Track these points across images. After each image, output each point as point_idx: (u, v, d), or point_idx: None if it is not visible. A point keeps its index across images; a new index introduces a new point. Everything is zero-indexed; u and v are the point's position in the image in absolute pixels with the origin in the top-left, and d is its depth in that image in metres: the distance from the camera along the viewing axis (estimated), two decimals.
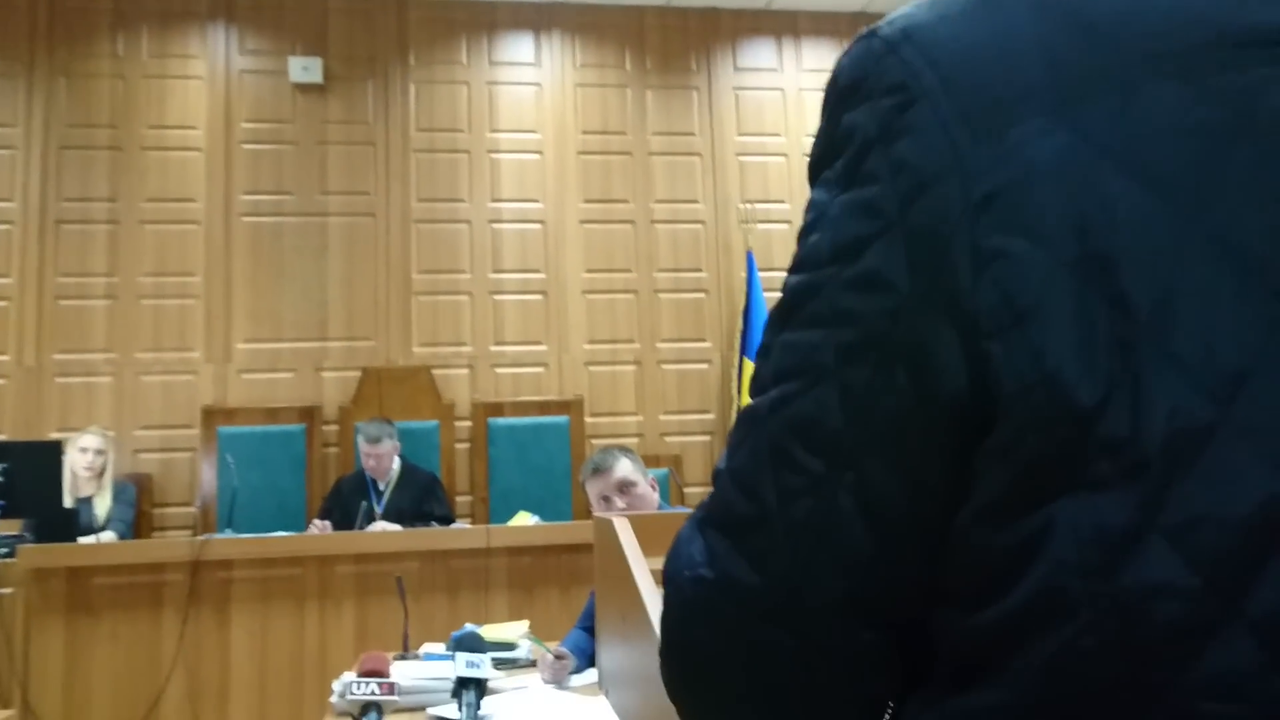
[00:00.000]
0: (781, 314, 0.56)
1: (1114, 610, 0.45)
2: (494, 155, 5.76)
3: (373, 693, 1.92)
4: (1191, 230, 0.47)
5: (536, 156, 5.80)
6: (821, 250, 0.54)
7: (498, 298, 5.67)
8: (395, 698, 1.96)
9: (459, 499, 5.37)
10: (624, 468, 2.81)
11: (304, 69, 5.58)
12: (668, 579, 0.61)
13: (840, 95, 0.57)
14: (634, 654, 1.00)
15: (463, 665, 1.95)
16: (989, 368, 0.48)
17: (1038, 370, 0.47)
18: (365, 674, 1.95)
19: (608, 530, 1.10)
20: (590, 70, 5.92)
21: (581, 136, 5.86)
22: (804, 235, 0.57)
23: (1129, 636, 0.44)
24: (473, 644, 2.01)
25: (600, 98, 5.90)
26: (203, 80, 5.58)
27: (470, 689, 1.92)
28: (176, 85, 5.56)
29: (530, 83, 5.86)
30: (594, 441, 5.39)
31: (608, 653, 1.15)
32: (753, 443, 0.55)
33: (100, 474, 4.76)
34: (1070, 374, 0.46)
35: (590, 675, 2.65)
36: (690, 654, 0.59)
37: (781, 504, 0.53)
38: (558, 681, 2.53)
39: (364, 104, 5.69)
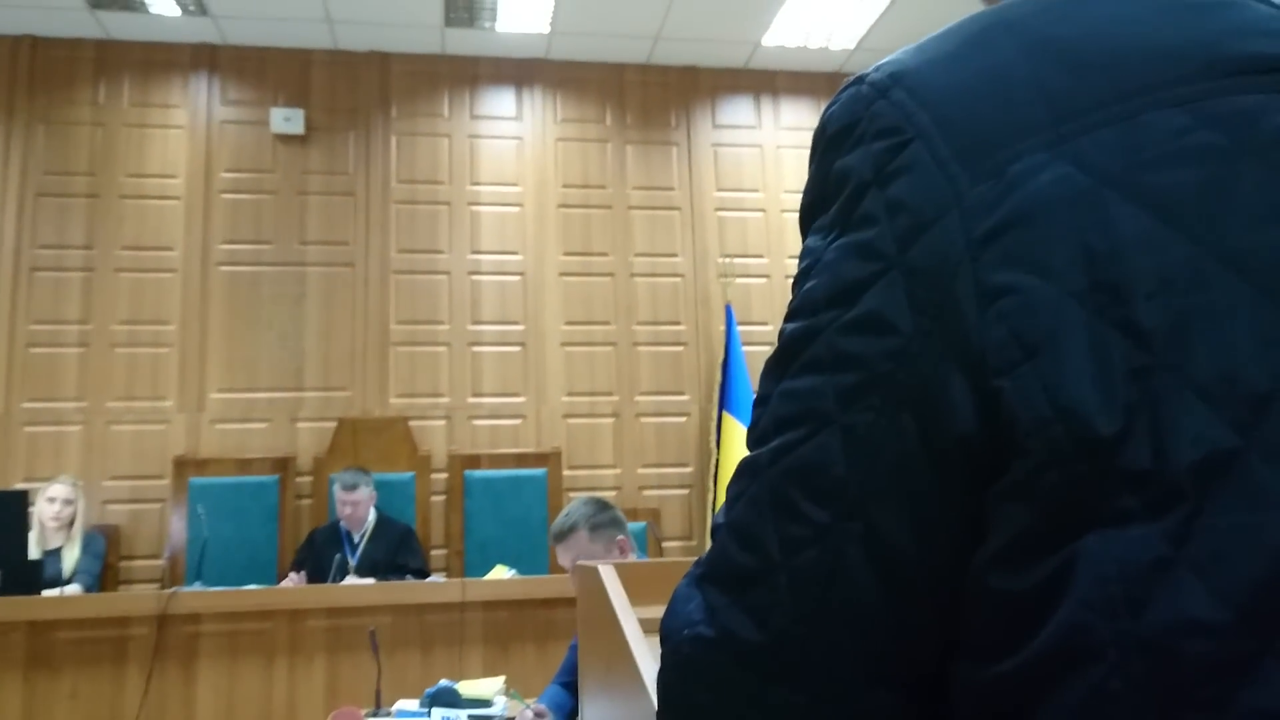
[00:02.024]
0: (779, 362, 0.55)
1: (1142, 650, 0.43)
2: (474, 207, 5.78)
3: None
4: (1202, 253, 0.46)
5: (517, 209, 5.83)
6: (818, 295, 0.53)
7: (476, 349, 5.65)
8: None
9: (434, 552, 5.29)
10: (579, 544, 2.56)
11: (285, 119, 5.60)
12: (664, 638, 0.58)
13: (830, 142, 0.56)
14: (620, 707, 0.97)
15: None
16: (1000, 405, 0.47)
17: (1053, 405, 0.45)
18: None
19: (592, 578, 1.07)
20: (571, 125, 5.98)
21: (562, 189, 5.89)
22: (799, 282, 0.56)
23: (1159, 678, 0.42)
24: (449, 700, 1.96)
25: (581, 152, 5.96)
26: (183, 129, 5.59)
27: None
28: (157, 134, 5.56)
29: (511, 136, 5.91)
30: (571, 494, 5.33)
31: (592, 707, 1.11)
32: (753, 493, 0.53)
33: (68, 525, 4.66)
34: (1088, 406, 0.45)
35: None
36: (689, 717, 0.56)
37: (785, 556, 0.51)
38: None
39: (345, 155, 5.70)
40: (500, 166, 5.86)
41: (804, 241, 0.58)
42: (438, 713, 1.90)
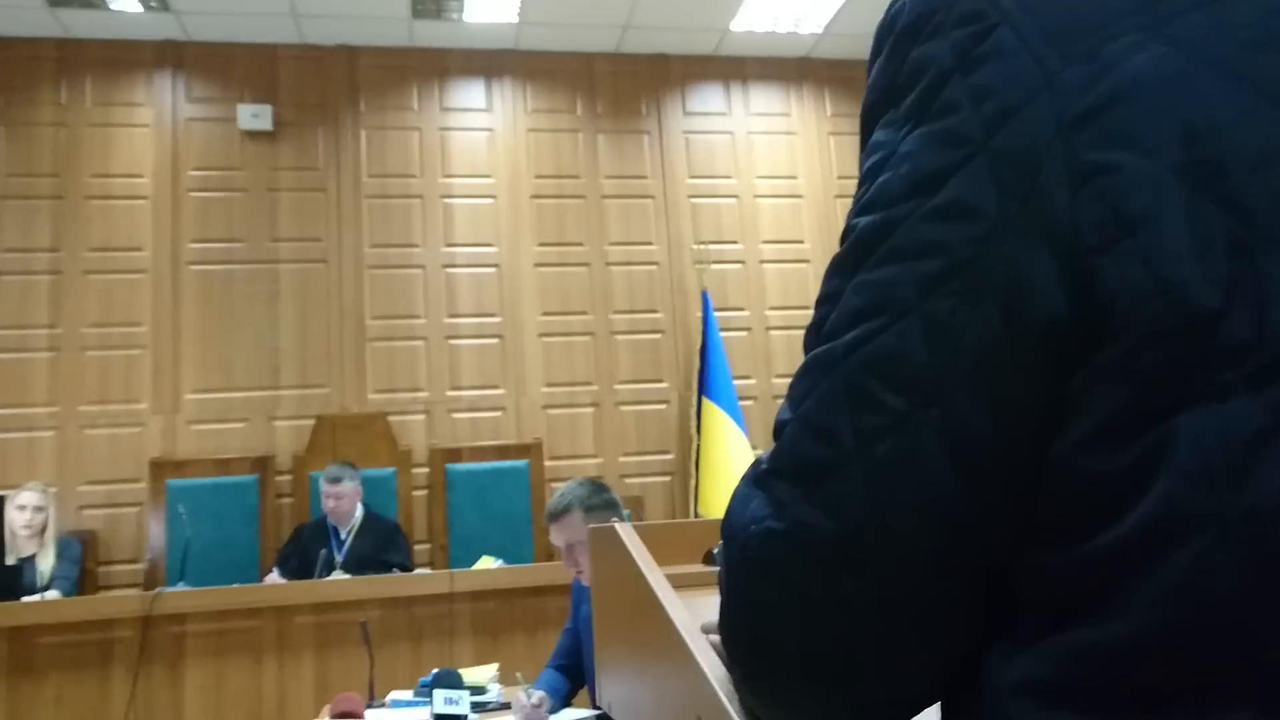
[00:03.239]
0: (851, 257, 0.55)
1: (1242, 521, 0.43)
2: (447, 200, 5.75)
3: None
4: None
5: (490, 201, 5.81)
6: (895, 187, 0.53)
7: (453, 342, 5.62)
8: None
9: (418, 547, 5.26)
10: (574, 524, 2.58)
11: (253, 116, 5.54)
12: (728, 538, 0.58)
13: (903, 33, 0.56)
14: (646, 665, 0.97)
15: (441, 703, 1.89)
16: (1095, 284, 0.47)
17: (1154, 279, 0.46)
18: (339, 715, 1.88)
19: (609, 538, 1.07)
20: (542, 115, 5.96)
21: (535, 180, 5.88)
22: (869, 177, 0.55)
23: (1260, 548, 0.43)
24: (450, 681, 1.95)
25: (552, 142, 5.94)
26: (149, 128, 5.51)
27: None
28: (122, 133, 5.48)
29: (482, 128, 5.88)
30: (554, 485, 5.32)
31: (611, 676, 1.11)
32: (826, 386, 0.54)
33: (40, 532, 4.59)
34: (1189, 280, 0.45)
35: (564, 716, 2.60)
36: (757, 615, 0.56)
37: (860, 446, 0.51)
38: None
39: (314, 150, 5.65)
40: (472, 158, 5.83)
41: (868, 140, 0.58)
42: (440, 694, 1.89)
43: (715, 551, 1.20)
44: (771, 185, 6.14)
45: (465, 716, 1.89)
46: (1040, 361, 0.49)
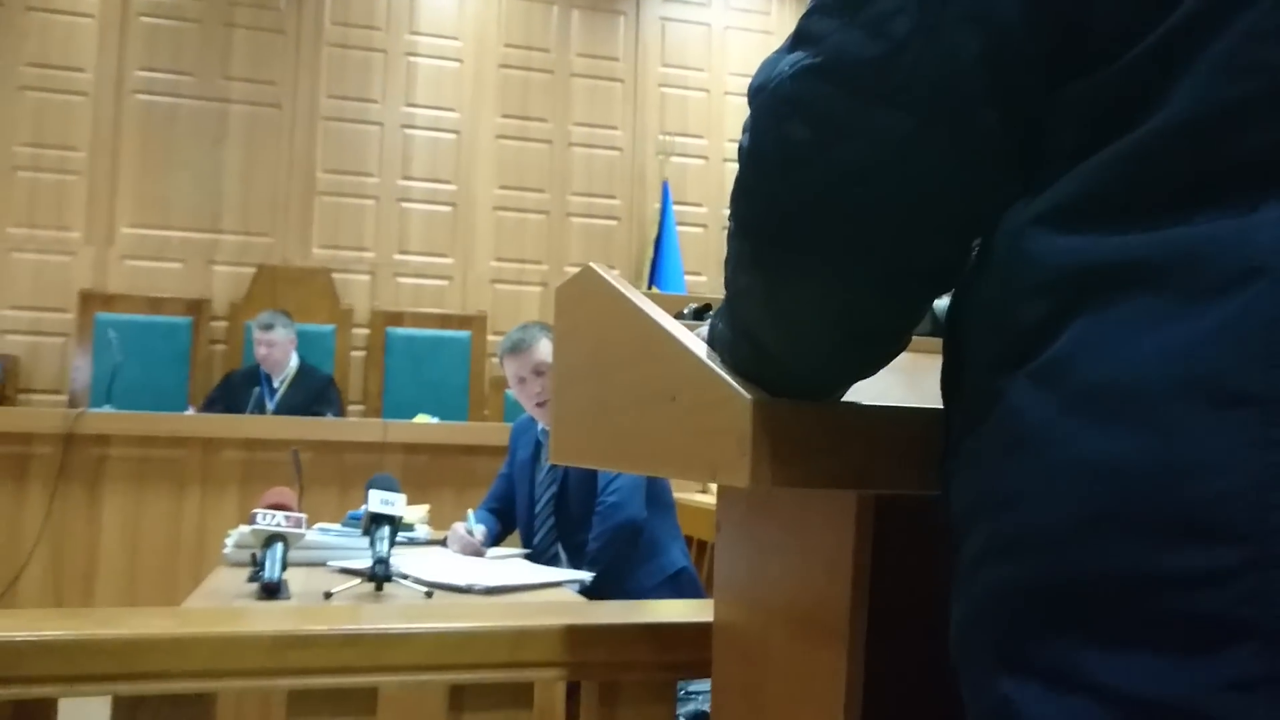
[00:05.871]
0: None
1: None
2: (411, 58, 5.56)
3: (279, 524, 1.83)
4: None
5: (455, 64, 5.63)
6: None
7: (405, 205, 5.49)
8: (302, 531, 1.88)
9: (351, 408, 5.20)
10: (544, 349, 2.60)
11: None
12: (756, 92, 0.55)
13: None
14: (612, 380, 0.95)
15: (376, 502, 1.88)
16: None
17: None
18: (271, 506, 1.86)
19: (584, 281, 1.05)
20: None
21: (503, 49, 5.70)
22: None
23: None
24: (386, 485, 1.94)
25: (525, 11, 5.76)
26: None
27: (384, 525, 1.85)
28: None
29: None
30: (494, 360, 5.29)
31: (570, 415, 1.09)
32: None
33: None
34: None
35: (492, 553, 2.61)
36: (784, 163, 0.53)
37: None
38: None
39: None
40: (440, 18, 5.63)
41: None
42: (375, 494, 1.88)
43: (685, 311, 1.19)
44: (742, 84, 6.00)
45: (400, 518, 1.88)
46: None
